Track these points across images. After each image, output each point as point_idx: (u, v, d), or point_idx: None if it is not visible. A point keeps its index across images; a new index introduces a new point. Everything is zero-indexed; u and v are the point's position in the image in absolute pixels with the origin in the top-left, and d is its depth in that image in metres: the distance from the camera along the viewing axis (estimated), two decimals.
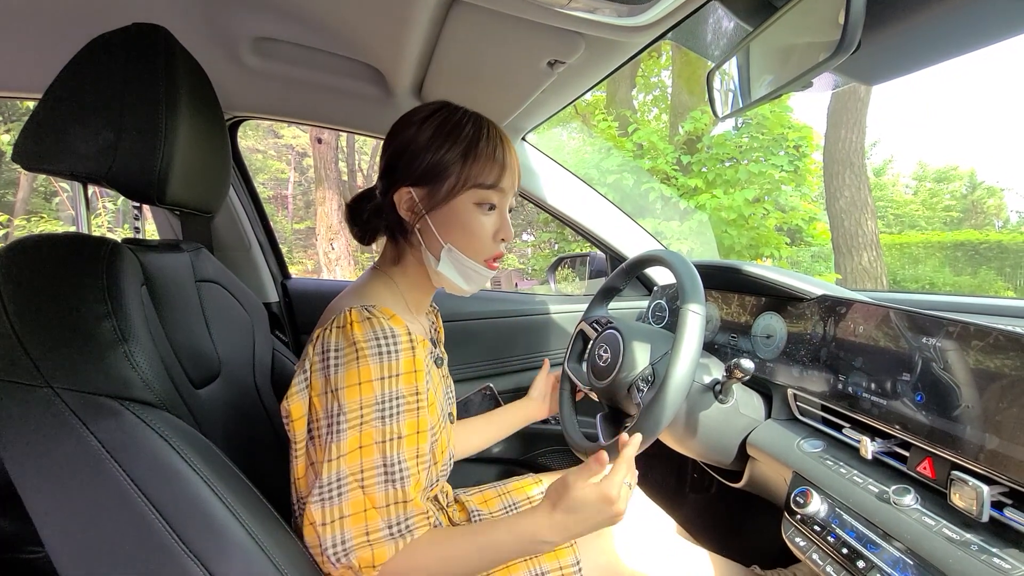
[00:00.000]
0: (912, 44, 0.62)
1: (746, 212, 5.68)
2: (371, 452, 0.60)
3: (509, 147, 0.72)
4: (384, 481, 0.60)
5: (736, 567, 0.91)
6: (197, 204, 0.71)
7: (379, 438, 0.60)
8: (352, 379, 0.60)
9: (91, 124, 0.57)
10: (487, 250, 0.72)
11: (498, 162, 0.70)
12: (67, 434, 0.48)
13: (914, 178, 19.87)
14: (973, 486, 0.57)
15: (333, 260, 7.34)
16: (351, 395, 0.60)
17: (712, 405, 0.89)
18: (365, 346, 0.61)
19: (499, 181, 0.70)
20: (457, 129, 0.69)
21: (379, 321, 0.63)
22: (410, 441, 0.63)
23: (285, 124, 10.43)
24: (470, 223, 0.70)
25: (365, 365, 0.60)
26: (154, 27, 0.61)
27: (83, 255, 0.54)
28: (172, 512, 0.49)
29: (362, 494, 0.59)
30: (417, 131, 0.70)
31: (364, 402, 0.60)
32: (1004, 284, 9.05)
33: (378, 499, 0.60)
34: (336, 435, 0.59)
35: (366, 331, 0.61)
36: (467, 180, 0.68)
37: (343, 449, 0.59)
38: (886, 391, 0.72)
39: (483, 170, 0.69)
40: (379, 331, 0.62)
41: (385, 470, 0.60)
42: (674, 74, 7.56)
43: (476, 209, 0.70)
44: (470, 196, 0.69)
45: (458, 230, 0.70)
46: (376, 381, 0.60)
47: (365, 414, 0.60)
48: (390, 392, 0.61)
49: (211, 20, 0.87)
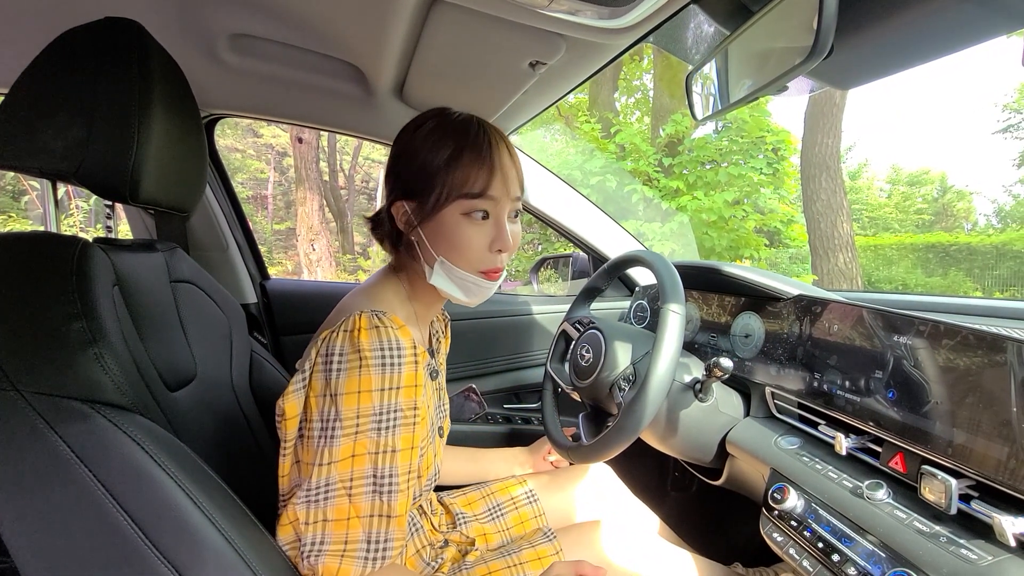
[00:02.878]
0: (884, 49, 0.64)
1: (726, 214, 5.78)
2: (363, 462, 0.59)
3: (502, 150, 0.68)
4: (372, 492, 0.59)
5: (719, 567, 0.93)
6: (172, 203, 0.69)
7: (373, 449, 0.59)
8: (352, 387, 0.58)
9: (60, 120, 0.56)
10: (482, 262, 0.68)
11: (486, 168, 0.65)
12: (35, 439, 0.47)
13: (888, 181, 20.42)
14: (942, 480, 0.59)
15: (314, 261, 7.26)
16: (349, 402, 0.58)
17: (692, 404, 0.90)
18: (369, 355, 0.59)
19: (487, 188, 0.65)
20: (444, 137, 0.67)
21: (387, 331, 0.61)
22: (404, 456, 0.61)
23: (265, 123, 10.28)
24: (458, 235, 0.66)
25: (367, 375, 0.59)
26: (127, 21, 0.60)
27: (52, 254, 0.52)
28: (145, 518, 0.47)
29: (348, 502, 0.58)
30: (409, 140, 0.69)
31: (361, 411, 0.59)
32: (973, 285, 9.34)
33: (363, 508, 0.59)
34: (329, 440, 0.58)
35: (372, 340, 0.60)
36: (451, 191, 0.65)
37: (335, 456, 0.58)
38: (860, 388, 0.73)
39: (468, 178, 0.65)
40: (385, 342, 0.60)
41: (375, 481, 0.59)
42: (655, 77, 7.65)
43: (465, 220, 0.66)
44: (457, 207, 0.66)
45: (448, 243, 0.67)
46: (376, 392, 0.59)
47: (361, 423, 0.59)
48: (389, 404, 0.60)
49: (186, 15, 0.85)
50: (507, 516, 0.94)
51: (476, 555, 0.84)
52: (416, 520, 0.81)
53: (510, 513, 0.95)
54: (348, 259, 10.03)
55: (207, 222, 1.28)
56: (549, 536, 0.84)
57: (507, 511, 0.95)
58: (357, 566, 0.58)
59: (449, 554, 0.82)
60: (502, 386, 1.47)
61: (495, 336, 1.50)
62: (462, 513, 0.92)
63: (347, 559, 0.58)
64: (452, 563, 0.81)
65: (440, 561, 0.80)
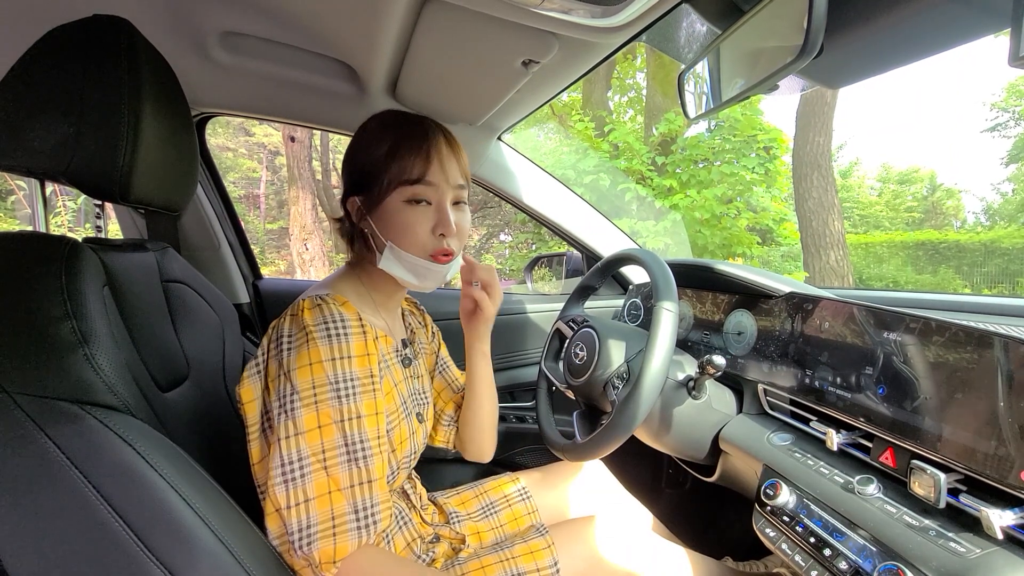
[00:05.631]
0: (873, 48, 0.65)
1: (719, 212, 5.80)
2: (331, 432, 0.60)
3: (439, 140, 0.72)
4: (347, 460, 0.61)
5: (711, 562, 0.93)
6: (162, 202, 0.69)
7: (337, 417, 0.61)
8: (303, 360, 0.61)
9: (48, 119, 0.55)
10: (427, 245, 0.71)
11: (422, 155, 0.70)
12: (24, 441, 0.46)
13: (878, 180, 20.60)
14: (931, 474, 0.60)
15: (307, 260, 7.22)
16: (303, 375, 0.61)
17: (685, 401, 0.91)
18: (314, 329, 0.62)
19: (425, 175, 0.70)
20: (384, 131, 0.72)
21: (328, 307, 0.65)
22: (370, 422, 0.64)
23: (256, 122, 10.21)
24: (402, 221, 0.70)
25: (315, 347, 0.62)
26: (115, 19, 0.59)
27: (40, 254, 0.52)
28: (137, 519, 0.47)
29: (325, 475, 0.59)
30: (357, 140, 0.75)
31: (316, 382, 0.61)
32: (962, 282, 9.45)
33: (342, 479, 0.60)
34: (290, 413, 0.60)
35: (315, 316, 0.64)
36: (393, 179, 0.69)
37: (300, 427, 0.59)
38: (850, 384, 0.74)
39: (407, 166, 0.69)
40: (328, 315, 0.64)
41: (347, 449, 0.61)
42: (649, 76, 7.67)
43: (407, 206, 0.70)
44: (399, 194, 0.70)
45: (393, 228, 0.71)
46: (327, 362, 0.62)
47: (319, 393, 0.61)
48: (343, 373, 0.62)
49: (176, 13, 0.84)
50: (500, 513, 0.94)
51: (469, 552, 0.84)
52: (405, 513, 0.81)
53: (503, 510, 0.95)
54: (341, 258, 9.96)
55: (199, 221, 1.27)
56: (541, 531, 0.85)
57: (500, 508, 0.95)
58: (352, 538, 0.59)
59: (441, 550, 0.82)
60: (496, 385, 1.47)
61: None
62: (455, 512, 0.92)
63: (340, 535, 0.58)
64: (444, 559, 0.81)
65: (432, 555, 0.80)
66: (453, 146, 0.74)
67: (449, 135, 0.75)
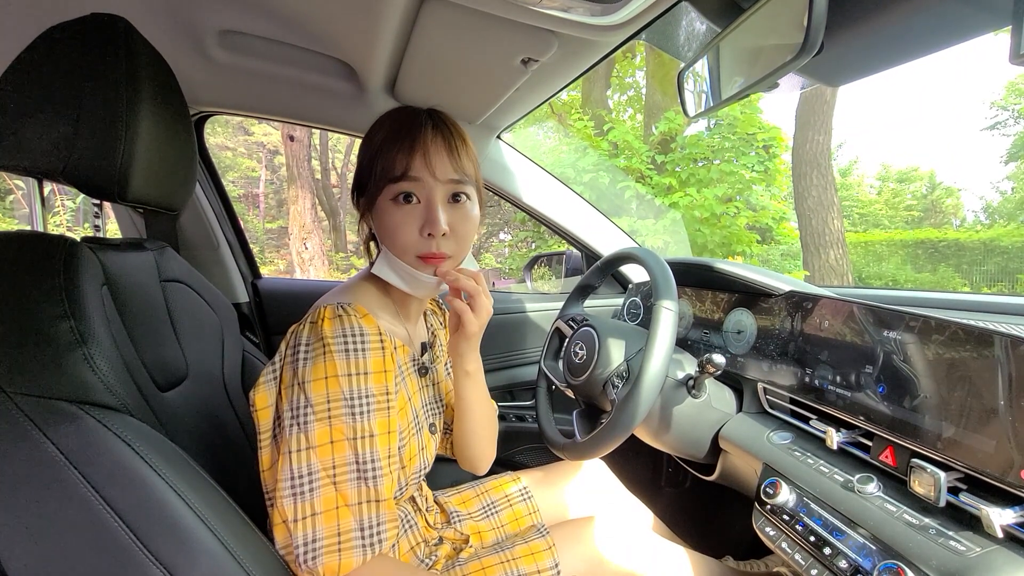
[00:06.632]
0: (873, 46, 0.65)
1: (718, 211, 5.81)
2: (343, 448, 0.59)
3: (426, 131, 0.67)
4: (357, 478, 0.60)
5: (711, 562, 0.93)
6: (161, 201, 0.69)
7: (350, 434, 0.60)
8: (319, 373, 0.60)
9: (46, 118, 0.55)
10: (413, 246, 0.67)
11: (405, 148, 0.65)
12: (23, 441, 0.46)
13: (878, 178, 20.59)
14: (931, 473, 0.60)
15: (306, 260, 7.22)
16: (317, 388, 0.59)
17: (685, 400, 0.91)
18: (332, 342, 0.61)
19: (408, 169, 0.65)
20: (378, 129, 0.69)
21: (350, 319, 0.63)
22: (382, 441, 0.63)
23: (255, 120, 10.19)
24: (388, 221, 0.67)
25: (331, 360, 0.60)
26: (113, 17, 0.59)
27: (38, 254, 0.52)
28: (136, 519, 0.47)
29: (334, 491, 0.59)
30: (361, 142, 0.73)
31: (331, 396, 0.60)
32: (961, 280, 9.45)
33: (350, 496, 0.59)
34: (303, 426, 0.59)
35: (335, 328, 0.62)
36: (379, 177, 0.66)
37: (312, 441, 0.59)
38: (850, 383, 0.74)
39: (391, 162, 0.65)
40: (348, 328, 0.62)
41: (358, 467, 0.60)
42: (648, 75, 7.66)
43: (393, 205, 0.66)
44: (386, 193, 0.67)
45: (383, 230, 0.68)
46: (344, 377, 0.60)
47: (333, 408, 0.59)
48: (359, 389, 0.61)
49: (175, 11, 0.84)
50: (501, 513, 0.94)
51: (470, 552, 0.84)
52: (410, 516, 0.81)
53: (504, 510, 0.95)
54: (341, 257, 9.98)
55: (197, 221, 1.27)
56: (542, 532, 0.84)
57: (501, 508, 0.95)
58: (356, 555, 0.58)
59: (443, 551, 0.82)
60: (496, 384, 1.47)
61: (489, 334, 1.48)
62: (456, 511, 0.92)
63: (345, 551, 0.58)
64: (446, 560, 0.81)
65: (435, 558, 0.80)
66: (446, 137, 0.68)
67: (443, 125, 0.69)
